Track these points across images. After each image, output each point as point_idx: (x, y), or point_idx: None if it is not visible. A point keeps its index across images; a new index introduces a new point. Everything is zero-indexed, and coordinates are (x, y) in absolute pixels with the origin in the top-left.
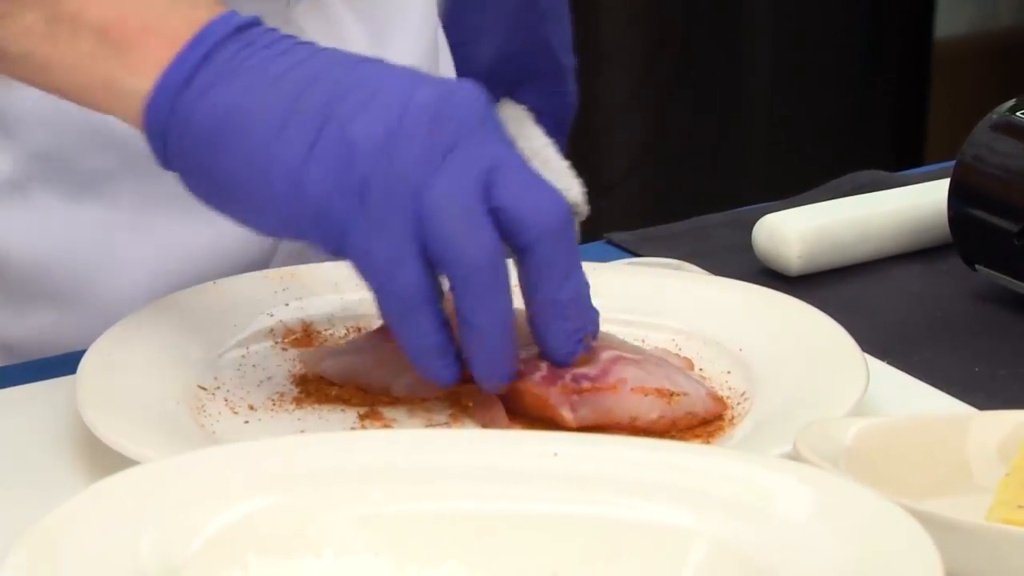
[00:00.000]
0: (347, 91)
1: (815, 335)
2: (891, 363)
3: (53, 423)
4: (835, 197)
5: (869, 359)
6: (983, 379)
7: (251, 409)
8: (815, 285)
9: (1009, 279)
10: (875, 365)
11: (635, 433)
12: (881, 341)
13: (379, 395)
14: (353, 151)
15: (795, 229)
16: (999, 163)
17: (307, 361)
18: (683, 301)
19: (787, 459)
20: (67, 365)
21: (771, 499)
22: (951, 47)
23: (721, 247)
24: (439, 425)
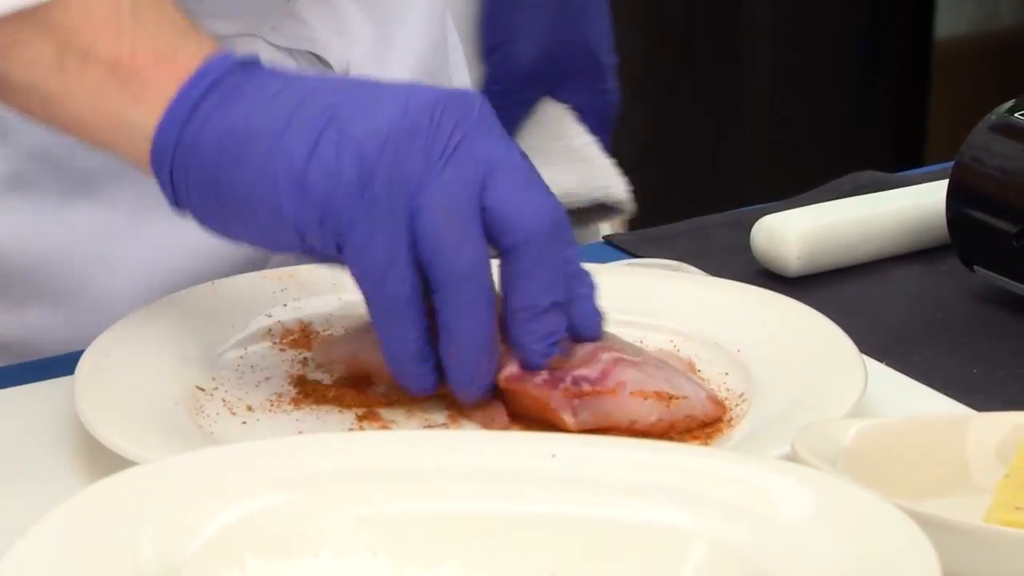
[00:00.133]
0: (348, 96)
1: (814, 336)
2: (890, 364)
3: (52, 423)
4: (835, 198)
5: (868, 360)
6: (982, 380)
7: (249, 410)
8: (814, 286)
9: (1007, 280)
10: (874, 366)
11: (634, 435)
12: (880, 342)
13: (383, 388)
14: (356, 151)
15: (794, 230)
16: (997, 164)
17: (318, 351)
18: (682, 302)
19: (786, 460)
20: (66, 365)
21: (770, 500)
22: (951, 47)
23: (720, 248)
24: (437, 426)
